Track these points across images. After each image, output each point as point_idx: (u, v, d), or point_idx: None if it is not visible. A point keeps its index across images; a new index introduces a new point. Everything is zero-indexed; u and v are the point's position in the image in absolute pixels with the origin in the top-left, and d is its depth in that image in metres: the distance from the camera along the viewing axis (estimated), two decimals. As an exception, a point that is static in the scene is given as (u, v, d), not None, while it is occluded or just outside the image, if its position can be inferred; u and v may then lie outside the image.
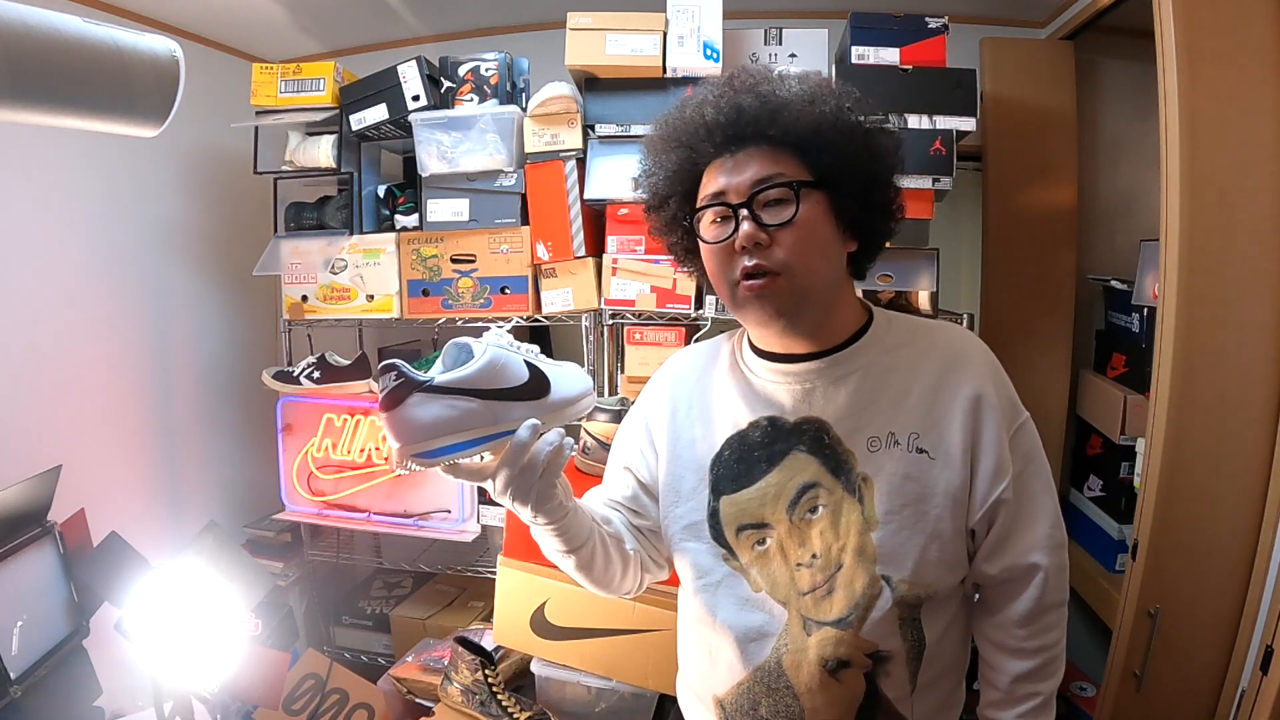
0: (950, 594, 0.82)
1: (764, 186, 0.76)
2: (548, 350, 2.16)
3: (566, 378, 0.78)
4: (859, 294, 0.89)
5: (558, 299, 1.67)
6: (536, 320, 1.72)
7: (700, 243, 0.82)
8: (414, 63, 1.65)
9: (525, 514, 0.74)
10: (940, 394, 0.81)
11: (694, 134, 0.80)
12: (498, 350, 0.73)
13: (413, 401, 0.67)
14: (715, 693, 0.85)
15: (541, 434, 0.72)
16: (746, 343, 0.88)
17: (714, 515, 0.84)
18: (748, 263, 0.76)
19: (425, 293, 1.75)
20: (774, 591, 0.81)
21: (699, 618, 0.87)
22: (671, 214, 0.85)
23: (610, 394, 1.71)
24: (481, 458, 0.73)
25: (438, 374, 0.71)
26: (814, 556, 0.79)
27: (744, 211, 0.76)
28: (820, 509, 0.80)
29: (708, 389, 0.89)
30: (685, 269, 0.91)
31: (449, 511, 1.79)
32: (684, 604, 0.91)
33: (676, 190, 0.84)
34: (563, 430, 0.75)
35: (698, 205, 0.81)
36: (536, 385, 0.74)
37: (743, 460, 0.83)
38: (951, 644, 0.84)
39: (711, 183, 0.79)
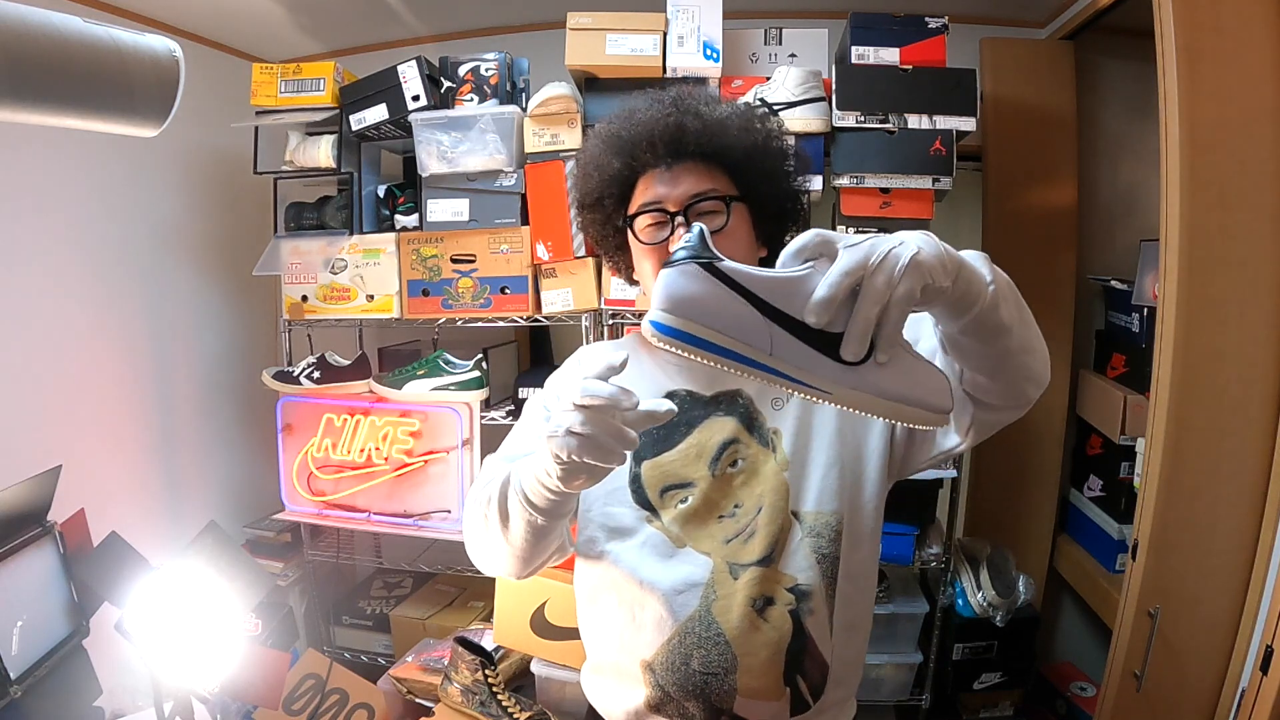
0: (855, 528, 0.85)
1: (701, 198, 0.84)
2: (548, 350, 2.17)
3: (916, 369, 0.58)
4: None
5: (558, 299, 1.67)
6: (536, 320, 1.72)
7: (635, 241, 0.89)
8: (414, 63, 1.65)
9: (554, 482, 0.69)
10: None
11: (637, 144, 0.86)
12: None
13: (686, 270, 0.58)
14: (643, 657, 0.85)
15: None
16: None
17: (635, 480, 0.88)
18: None
19: (425, 293, 1.75)
20: (697, 544, 0.85)
21: (619, 582, 0.87)
22: (606, 214, 0.92)
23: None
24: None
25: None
26: (736, 506, 0.85)
27: (680, 219, 0.84)
28: (740, 462, 0.86)
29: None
30: (610, 263, 0.98)
31: (449, 511, 1.79)
32: (595, 576, 0.90)
33: (612, 192, 0.90)
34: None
35: (634, 209, 0.88)
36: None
37: (663, 426, 0.86)
38: (861, 588, 0.87)
39: (648, 190, 0.86)
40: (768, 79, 1.56)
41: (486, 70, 1.68)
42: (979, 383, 0.71)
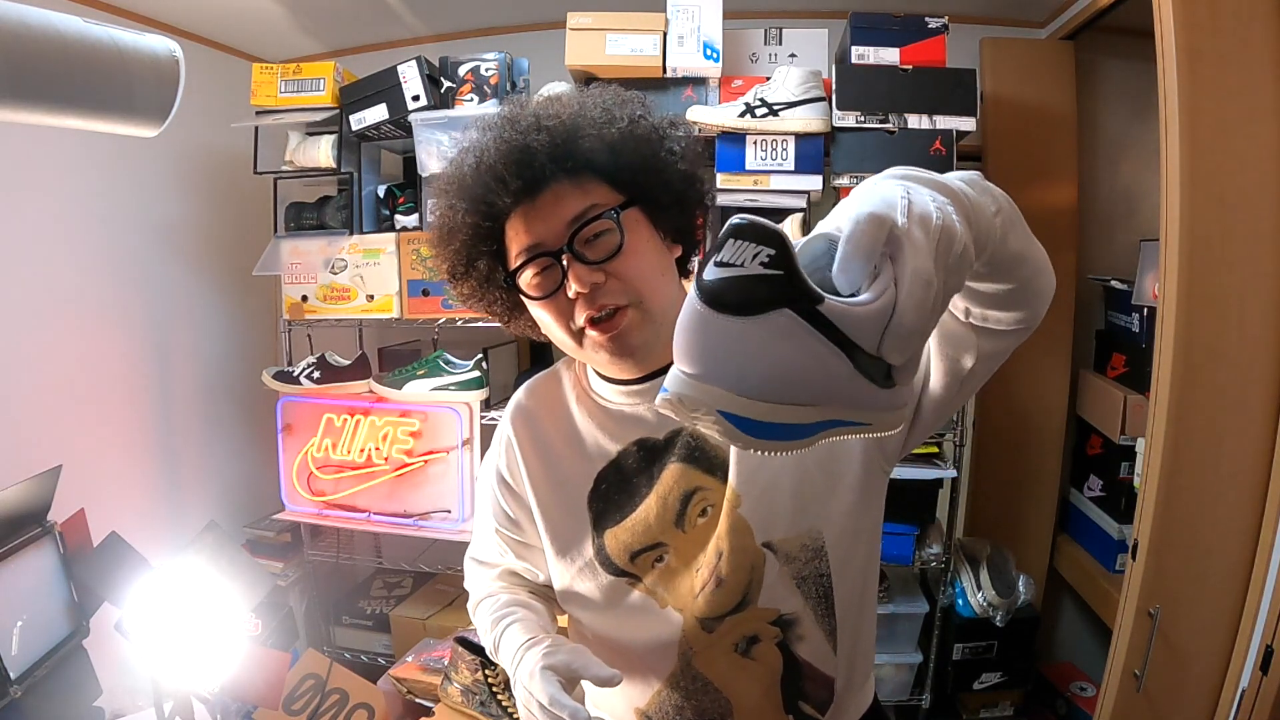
0: (841, 534, 0.77)
1: (582, 222, 0.70)
2: (547, 353, 2.16)
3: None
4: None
5: (558, 299, 1.67)
6: (536, 320, 1.72)
7: (527, 300, 0.75)
8: (414, 63, 1.65)
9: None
10: None
11: (485, 188, 0.72)
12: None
13: (778, 323, 0.36)
14: (636, 705, 0.82)
15: None
16: (590, 370, 0.83)
17: (601, 551, 0.80)
18: (591, 308, 0.71)
19: (425, 293, 1.75)
20: (676, 601, 0.78)
21: (600, 640, 0.83)
22: (484, 276, 0.78)
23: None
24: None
25: (841, 286, 0.40)
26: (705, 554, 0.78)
27: (567, 256, 0.70)
28: (709, 509, 0.77)
29: (561, 426, 0.84)
30: (514, 329, 0.84)
31: (449, 511, 1.79)
32: (578, 636, 0.87)
33: (481, 252, 0.76)
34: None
35: (513, 263, 0.74)
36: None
37: (624, 490, 0.80)
38: (862, 588, 0.80)
39: (520, 235, 0.73)
40: (768, 79, 1.56)
41: (486, 70, 1.68)
42: (990, 316, 0.61)
